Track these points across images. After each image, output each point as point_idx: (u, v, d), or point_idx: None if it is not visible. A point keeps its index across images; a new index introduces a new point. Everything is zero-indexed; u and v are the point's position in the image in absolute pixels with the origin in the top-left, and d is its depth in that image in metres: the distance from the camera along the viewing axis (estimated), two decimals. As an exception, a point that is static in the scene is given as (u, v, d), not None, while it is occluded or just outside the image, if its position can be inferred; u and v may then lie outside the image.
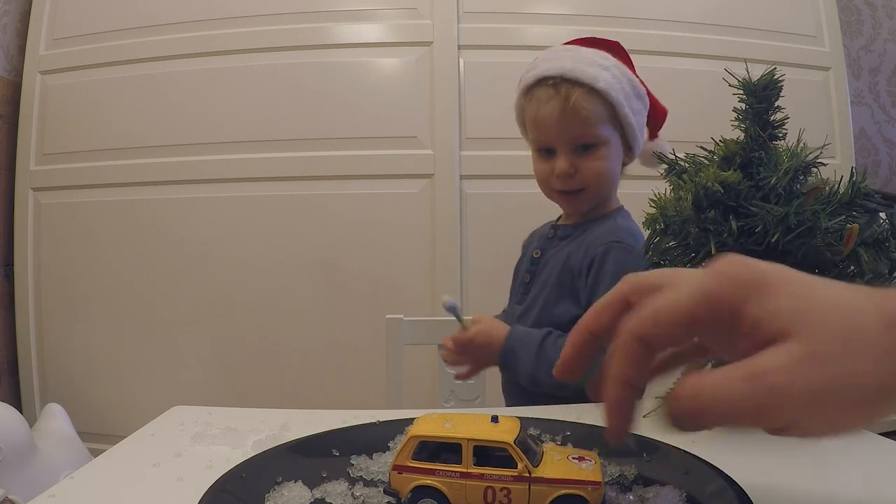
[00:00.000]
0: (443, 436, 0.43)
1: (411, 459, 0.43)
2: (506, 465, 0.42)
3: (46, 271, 2.02)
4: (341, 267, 1.91)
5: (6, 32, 2.04)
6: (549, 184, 0.99)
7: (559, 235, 1.04)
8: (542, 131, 0.98)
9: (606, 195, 1.01)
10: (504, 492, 0.42)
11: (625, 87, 0.96)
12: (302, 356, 1.91)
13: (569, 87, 0.94)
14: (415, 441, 0.44)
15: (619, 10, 1.88)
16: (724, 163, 0.71)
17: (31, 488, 1.42)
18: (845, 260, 0.67)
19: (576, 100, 0.93)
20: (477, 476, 0.42)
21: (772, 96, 0.71)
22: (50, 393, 2.01)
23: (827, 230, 0.64)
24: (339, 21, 1.94)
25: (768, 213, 0.64)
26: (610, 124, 0.96)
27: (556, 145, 0.97)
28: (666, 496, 0.46)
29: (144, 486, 0.53)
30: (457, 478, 0.42)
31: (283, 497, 0.46)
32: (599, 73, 0.94)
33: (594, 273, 0.91)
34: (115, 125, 1.98)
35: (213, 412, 0.73)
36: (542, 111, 0.96)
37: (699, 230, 0.67)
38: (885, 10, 2.69)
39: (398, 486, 0.44)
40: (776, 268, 0.32)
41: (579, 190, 0.98)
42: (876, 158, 2.71)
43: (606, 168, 0.97)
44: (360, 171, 1.91)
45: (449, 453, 0.43)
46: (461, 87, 1.91)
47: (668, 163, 0.77)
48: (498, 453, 0.42)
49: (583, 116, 0.93)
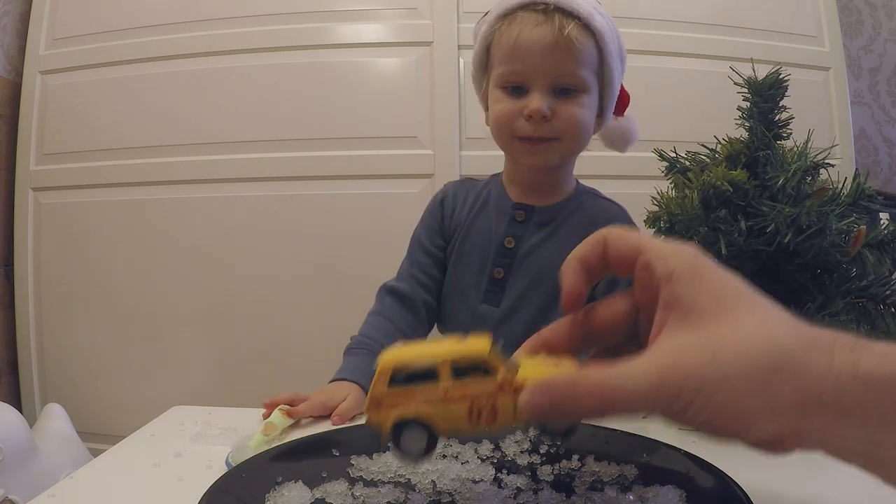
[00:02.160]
0: (417, 360, 0.40)
1: (387, 389, 0.40)
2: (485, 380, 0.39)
3: (46, 271, 2.02)
4: (341, 267, 1.91)
5: (6, 32, 2.04)
6: (514, 127, 0.83)
7: (535, 220, 0.88)
8: (519, 60, 0.81)
9: (573, 157, 0.88)
10: (489, 405, 0.39)
11: (616, 38, 0.84)
12: (302, 356, 1.91)
13: (563, 17, 0.80)
14: (388, 370, 0.40)
15: (618, 10, 1.87)
16: (728, 162, 0.70)
17: (31, 488, 1.42)
18: (850, 261, 0.67)
19: (571, 31, 0.79)
20: (459, 396, 0.39)
21: (777, 96, 0.71)
22: (50, 393, 2.01)
23: (836, 231, 0.63)
24: (338, 21, 1.94)
25: (779, 214, 0.63)
26: (595, 73, 0.83)
27: (531, 81, 0.81)
28: (666, 496, 0.46)
29: (144, 486, 0.53)
30: (439, 402, 0.39)
31: (283, 497, 0.46)
32: (595, 13, 0.81)
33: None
34: (115, 125, 1.98)
35: (213, 412, 0.73)
36: (527, 36, 0.80)
37: (709, 229, 0.67)
38: (885, 10, 2.69)
39: (378, 420, 0.41)
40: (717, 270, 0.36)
41: (550, 139, 0.83)
42: (876, 158, 2.71)
43: (585, 119, 0.83)
44: (360, 171, 1.91)
45: (424, 379, 0.40)
46: (461, 87, 1.90)
47: (668, 161, 0.77)
48: (474, 370, 0.39)
49: (576, 50, 0.79)
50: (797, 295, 0.69)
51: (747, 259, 0.69)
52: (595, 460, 0.53)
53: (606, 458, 0.53)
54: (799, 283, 0.69)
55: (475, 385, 0.39)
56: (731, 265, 0.70)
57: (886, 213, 1.90)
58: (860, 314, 0.67)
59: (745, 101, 0.73)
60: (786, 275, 0.69)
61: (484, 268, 0.89)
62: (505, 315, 0.87)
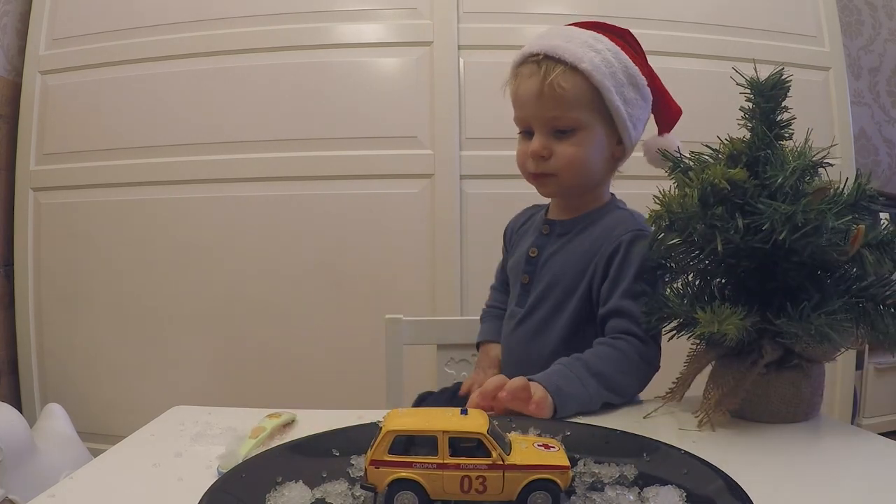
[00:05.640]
0: (419, 429, 0.44)
1: (388, 454, 0.44)
2: (479, 455, 0.44)
3: (46, 271, 2.02)
4: (341, 267, 1.91)
5: (6, 32, 2.04)
6: (525, 166, 0.93)
7: (556, 232, 0.97)
8: (520, 109, 0.92)
9: (585, 185, 0.94)
10: (480, 480, 0.43)
11: (616, 72, 0.88)
12: (301, 356, 1.91)
13: (551, 65, 0.87)
14: (391, 436, 0.44)
15: (618, 10, 1.88)
16: (730, 161, 0.70)
17: (31, 488, 1.42)
18: (850, 261, 0.67)
19: (554, 78, 0.86)
20: (453, 466, 0.44)
21: (779, 96, 0.71)
22: (50, 393, 2.01)
23: (833, 230, 0.63)
24: (338, 21, 1.94)
25: (776, 211, 0.64)
26: (593, 110, 0.89)
27: (533, 126, 0.91)
28: (666, 496, 0.46)
29: (144, 486, 0.53)
30: (434, 469, 0.44)
31: (283, 497, 0.46)
32: (586, 53, 0.87)
33: (619, 261, 0.86)
34: (115, 125, 1.98)
35: (213, 412, 0.73)
36: (524, 87, 0.90)
37: (705, 227, 0.67)
38: (885, 10, 2.69)
39: (375, 481, 0.44)
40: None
41: (550, 175, 0.91)
42: (876, 158, 2.71)
43: (581, 155, 0.89)
44: (360, 171, 1.91)
45: (423, 447, 0.44)
46: (461, 87, 1.90)
47: (672, 160, 0.77)
48: (468, 444, 0.44)
49: (557, 95, 0.86)
50: (794, 293, 0.69)
51: (745, 257, 0.69)
52: (595, 460, 0.53)
53: (606, 458, 0.53)
54: (797, 282, 0.70)
55: (470, 460, 0.44)
56: (728, 262, 0.71)
57: (886, 213, 1.90)
58: (859, 314, 0.67)
59: (747, 101, 0.73)
60: (783, 273, 0.70)
61: (518, 276, 0.99)
62: (525, 315, 0.95)
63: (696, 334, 0.72)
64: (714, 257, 0.71)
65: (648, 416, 0.74)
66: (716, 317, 0.66)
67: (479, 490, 0.44)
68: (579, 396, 0.75)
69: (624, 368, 0.79)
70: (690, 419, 0.71)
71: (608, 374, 0.78)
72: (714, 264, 0.74)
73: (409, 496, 0.44)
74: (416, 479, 0.43)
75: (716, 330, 0.65)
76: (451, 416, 0.46)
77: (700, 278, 0.77)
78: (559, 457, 0.46)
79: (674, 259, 0.78)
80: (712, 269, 0.75)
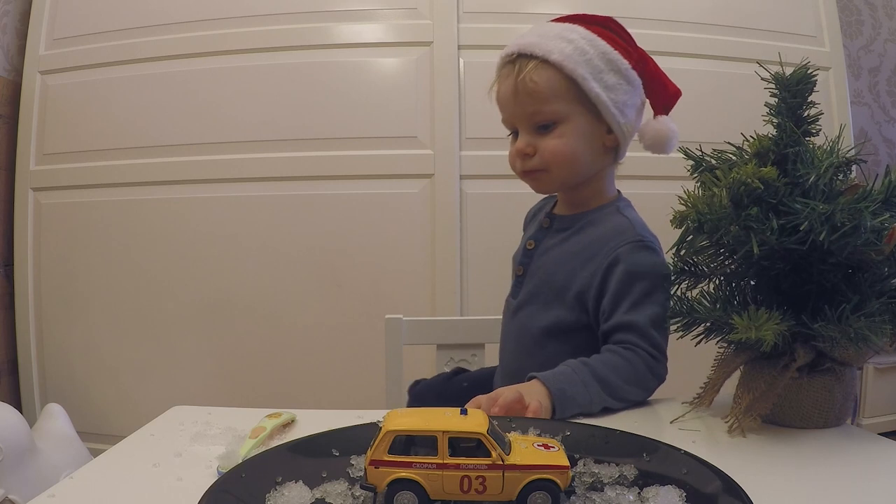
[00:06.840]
0: (418, 429, 0.45)
1: (387, 454, 0.44)
2: (479, 455, 0.44)
3: (46, 271, 2.02)
4: (341, 267, 1.91)
5: (6, 32, 2.04)
6: (516, 165, 0.93)
7: (556, 227, 0.96)
8: (503, 110, 0.93)
9: (578, 177, 0.92)
10: (479, 480, 0.44)
11: (592, 59, 0.87)
12: (301, 356, 1.91)
13: (524, 62, 0.88)
14: (391, 436, 0.44)
15: (617, 10, 1.87)
16: (758, 159, 0.68)
17: (31, 488, 1.42)
18: (885, 261, 0.64)
19: (526, 73, 0.86)
20: (453, 466, 0.44)
21: (805, 91, 0.69)
22: (50, 393, 2.01)
23: (871, 229, 0.61)
24: (339, 21, 1.94)
25: (813, 211, 0.61)
26: (572, 101, 0.87)
27: (517, 125, 0.91)
28: (666, 496, 0.46)
29: (144, 486, 0.53)
30: (434, 469, 0.44)
31: (283, 497, 0.46)
32: (557, 44, 0.86)
33: (621, 274, 0.83)
34: (115, 125, 1.98)
35: (213, 412, 0.73)
36: (502, 89, 0.91)
37: (740, 228, 0.64)
38: (885, 10, 2.69)
39: (375, 481, 0.44)
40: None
41: (539, 170, 0.90)
42: (876, 158, 2.71)
43: (566, 147, 0.88)
44: (360, 171, 1.91)
45: (422, 447, 0.44)
46: (461, 87, 1.90)
47: (695, 159, 0.74)
48: (468, 444, 0.44)
49: (531, 90, 0.86)
50: (830, 295, 0.66)
51: (779, 258, 0.66)
52: (595, 460, 0.53)
53: (606, 458, 0.53)
54: (832, 283, 0.67)
55: (469, 460, 0.44)
56: (762, 265, 0.67)
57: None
58: (894, 314, 0.64)
59: (772, 96, 0.70)
60: (819, 274, 0.67)
61: (515, 265, 1.00)
62: (518, 307, 0.95)
63: (732, 340, 0.68)
64: (747, 259, 0.67)
65: (676, 420, 0.72)
66: (752, 322, 0.63)
67: (478, 490, 0.44)
68: (581, 401, 0.74)
69: (630, 378, 0.78)
70: (719, 423, 0.69)
71: (613, 382, 0.77)
72: (744, 266, 0.70)
73: (409, 496, 0.44)
74: (415, 479, 0.44)
75: (753, 336, 0.62)
76: (450, 416, 0.46)
77: (728, 281, 0.74)
78: (559, 457, 0.46)
79: (701, 262, 0.75)
80: (741, 272, 0.71)
